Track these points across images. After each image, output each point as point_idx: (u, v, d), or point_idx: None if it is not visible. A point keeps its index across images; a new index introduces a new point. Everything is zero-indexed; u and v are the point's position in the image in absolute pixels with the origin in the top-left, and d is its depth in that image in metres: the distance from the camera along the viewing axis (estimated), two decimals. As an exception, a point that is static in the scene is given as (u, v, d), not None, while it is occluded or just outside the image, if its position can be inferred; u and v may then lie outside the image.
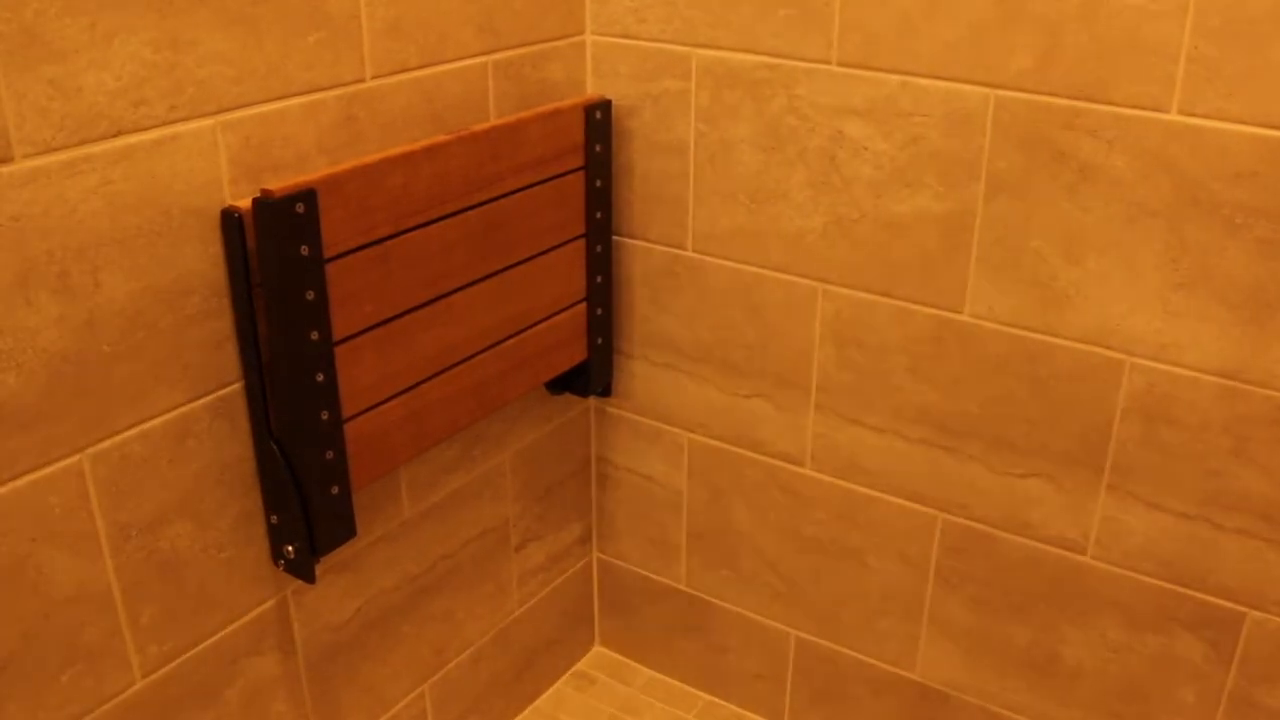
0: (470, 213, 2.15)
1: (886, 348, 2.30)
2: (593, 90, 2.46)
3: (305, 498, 1.97)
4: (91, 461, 1.72)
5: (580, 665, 3.05)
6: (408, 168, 2.01)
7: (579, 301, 2.49)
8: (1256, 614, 2.11)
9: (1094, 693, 2.33)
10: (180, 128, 1.71)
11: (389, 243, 2.00)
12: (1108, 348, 2.08)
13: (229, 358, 1.88)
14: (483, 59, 2.19)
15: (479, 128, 2.15)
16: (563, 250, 2.40)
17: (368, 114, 2.00)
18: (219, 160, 1.78)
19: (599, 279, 2.51)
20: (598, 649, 3.10)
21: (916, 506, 2.40)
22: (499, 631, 2.71)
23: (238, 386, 1.91)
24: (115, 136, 1.64)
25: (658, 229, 2.49)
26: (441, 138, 2.08)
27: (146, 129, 1.67)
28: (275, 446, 1.94)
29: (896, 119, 2.14)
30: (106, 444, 1.74)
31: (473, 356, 2.24)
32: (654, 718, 2.89)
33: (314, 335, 1.88)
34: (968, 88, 2.05)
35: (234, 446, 1.93)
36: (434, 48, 2.09)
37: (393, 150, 2.01)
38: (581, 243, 2.45)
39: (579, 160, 2.38)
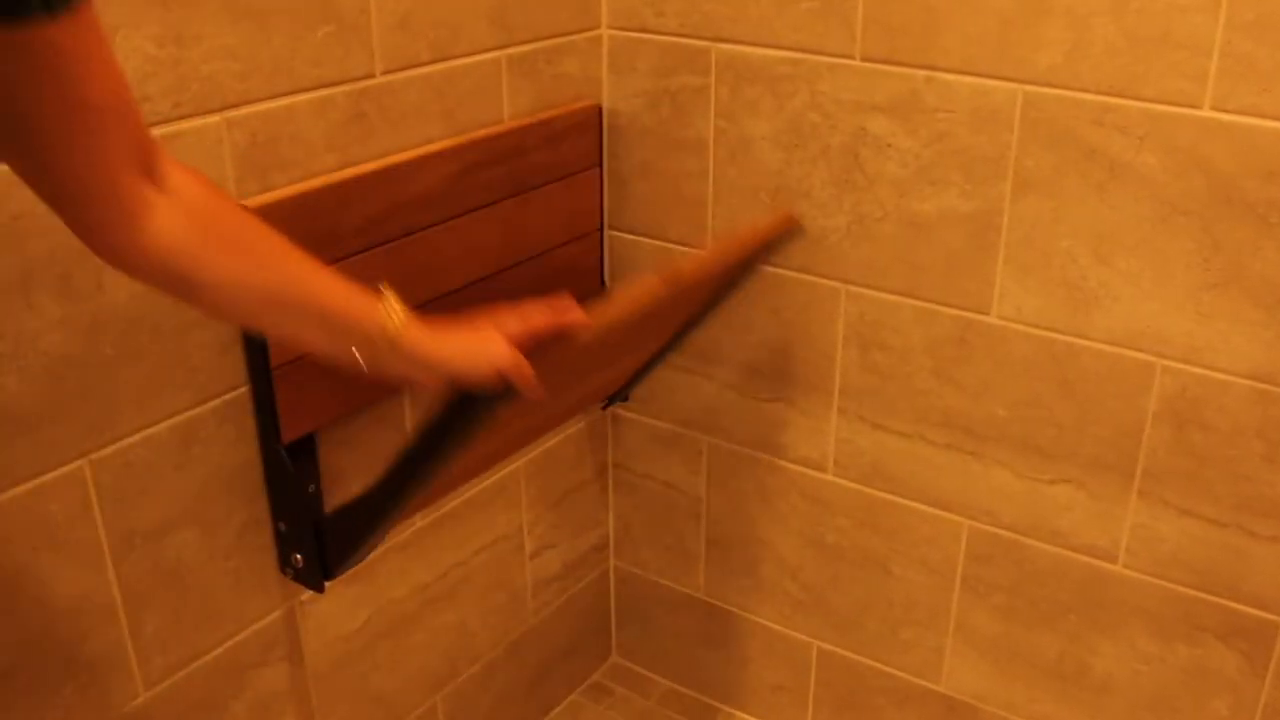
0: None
1: (911, 350, 2.29)
2: (610, 85, 2.45)
3: (315, 505, 1.97)
4: (94, 467, 1.71)
5: (596, 676, 3.04)
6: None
7: (595, 303, 2.49)
8: (1292, 624, 2.11)
9: (1124, 705, 2.32)
10: (184, 125, 1.70)
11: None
12: (1138, 350, 2.06)
13: (235, 361, 1.87)
14: (496, 54, 2.18)
15: (493, 130, 2.15)
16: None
17: (377, 110, 1.99)
18: (224, 158, 1.77)
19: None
20: (614, 660, 3.09)
21: (942, 513, 2.38)
22: (513, 642, 2.70)
23: (244, 391, 1.90)
24: (118, 134, 1.63)
25: (675, 229, 2.48)
26: (455, 140, 2.08)
27: (150, 126, 1.66)
28: (284, 452, 1.93)
29: (921, 115, 2.12)
30: (109, 449, 1.73)
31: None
32: (672, 730, 2.89)
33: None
34: (994, 83, 2.04)
35: (240, 452, 1.93)
36: (446, 42, 2.08)
37: (405, 154, 2.01)
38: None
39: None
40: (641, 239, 2.53)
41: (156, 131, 1.67)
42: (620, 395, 2.64)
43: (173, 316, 1.76)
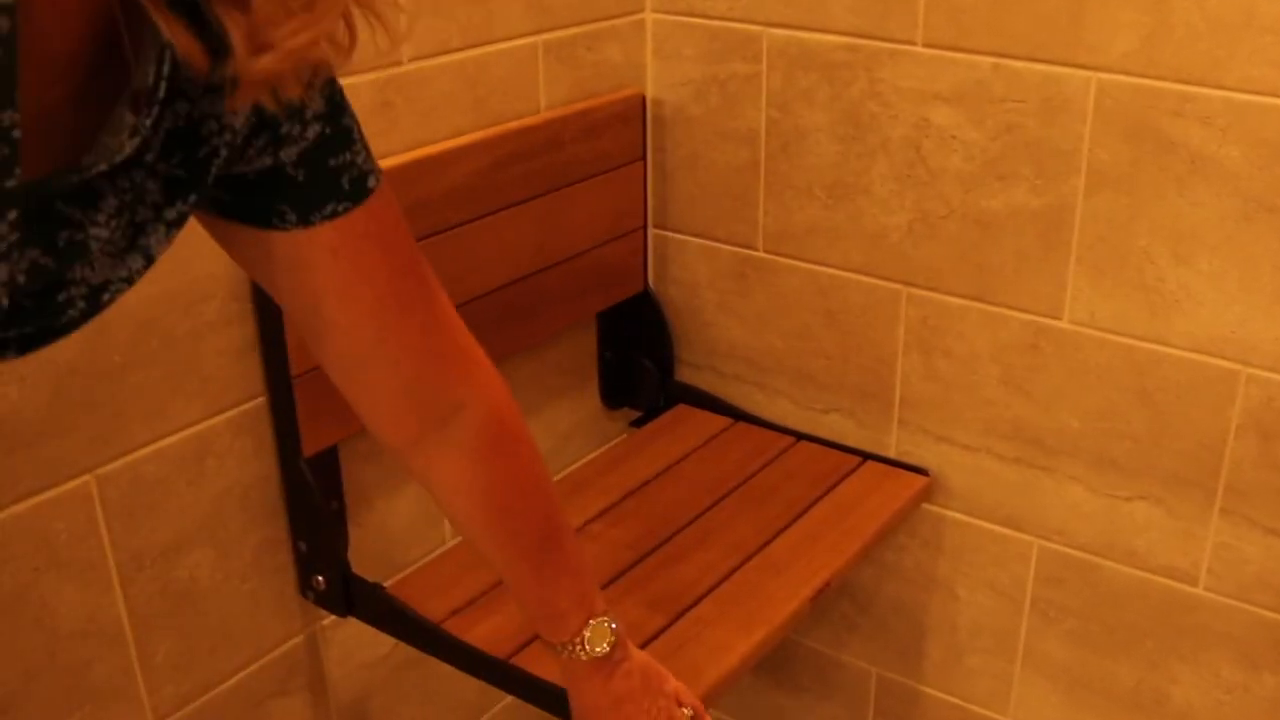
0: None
1: (978, 357, 2.27)
2: (654, 73, 2.44)
3: (337, 524, 1.96)
4: (101, 483, 1.71)
5: (641, 704, 3.02)
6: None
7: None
8: (1389, 654, 2.09)
9: (1207, 739, 2.30)
10: (198, 117, 1.70)
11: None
12: (1221, 357, 2.04)
13: (252, 369, 1.87)
14: (532, 39, 2.17)
15: (529, 121, 2.15)
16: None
17: (404, 100, 1.98)
18: (240, 152, 1.77)
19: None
20: (660, 686, 3.07)
21: (1010, 532, 2.36)
22: (551, 667, 2.69)
23: (262, 401, 1.90)
24: (126, 127, 1.63)
25: (725, 227, 2.47)
26: (487, 132, 2.08)
27: (161, 118, 1.66)
28: (305, 467, 1.92)
29: (988, 105, 2.11)
30: (117, 464, 1.73)
31: (521, 367, 2.24)
32: (721, 762, 2.87)
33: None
34: (1067, 70, 2.02)
35: (257, 466, 1.92)
36: (479, 27, 2.07)
37: (434, 146, 2.00)
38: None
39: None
40: (688, 238, 2.52)
41: (167, 124, 1.67)
42: (666, 402, 2.65)
43: (185, 321, 1.76)
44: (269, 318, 1.84)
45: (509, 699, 2.57)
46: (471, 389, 1.34)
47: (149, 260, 0.96)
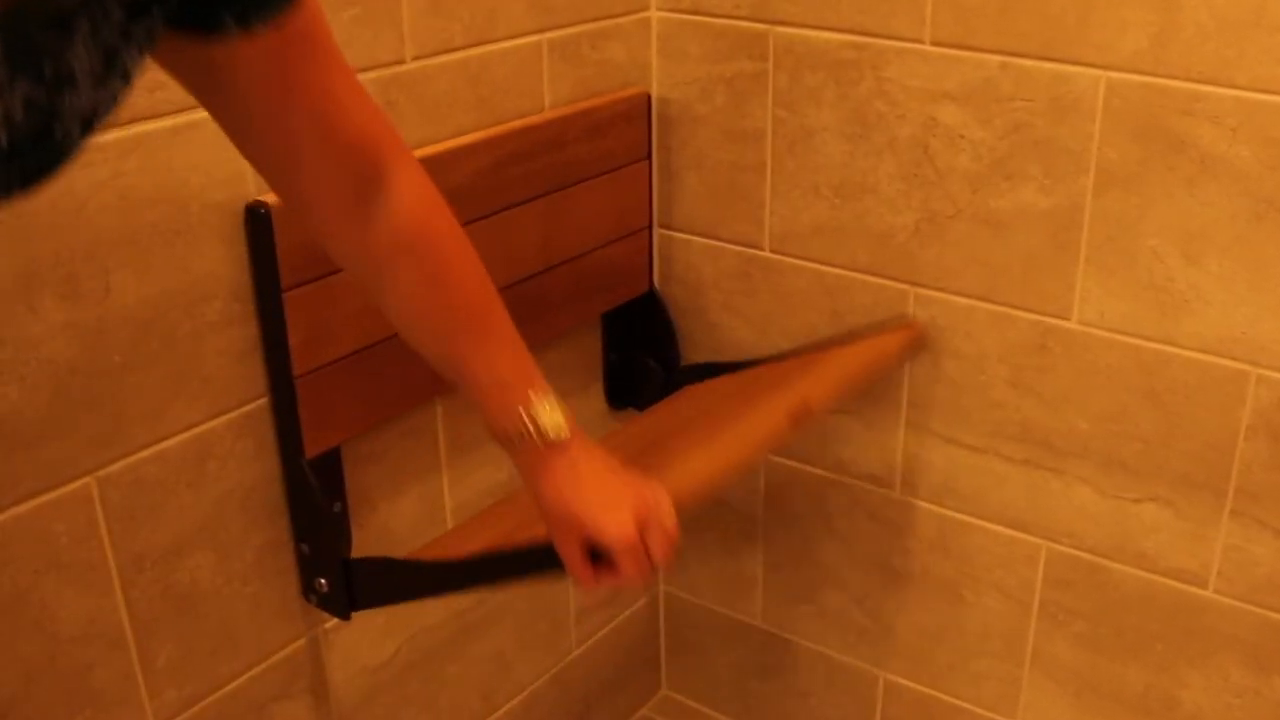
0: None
1: (985, 358, 2.27)
2: (659, 72, 2.44)
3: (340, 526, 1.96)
4: (101, 485, 1.71)
5: (645, 711, 3.03)
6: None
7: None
8: (1401, 657, 2.08)
9: (1217, 743, 2.30)
10: (199, 114, 1.68)
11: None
12: (1231, 358, 2.04)
13: (254, 370, 1.87)
14: (536, 38, 2.17)
15: (532, 120, 2.14)
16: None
17: (407, 99, 1.98)
18: (242, 152, 1.77)
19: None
20: (664, 693, 3.07)
21: (1018, 534, 2.36)
22: (555, 674, 2.69)
23: (264, 402, 1.89)
24: (128, 124, 1.62)
25: (730, 227, 2.47)
26: (491, 131, 2.07)
27: (162, 115, 1.66)
28: (307, 468, 1.92)
29: (996, 104, 2.10)
30: (118, 465, 1.72)
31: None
32: (727, 767, 2.88)
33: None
34: (1075, 69, 2.02)
35: (259, 468, 1.92)
36: (482, 25, 2.07)
37: (437, 146, 2.00)
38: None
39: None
40: (693, 238, 2.52)
41: (168, 123, 1.66)
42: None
43: (186, 322, 1.75)
44: (271, 318, 1.84)
45: (512, 703, 2.57)
46: (398, 161, 1.39)
47: (126, 80, 1.00)
